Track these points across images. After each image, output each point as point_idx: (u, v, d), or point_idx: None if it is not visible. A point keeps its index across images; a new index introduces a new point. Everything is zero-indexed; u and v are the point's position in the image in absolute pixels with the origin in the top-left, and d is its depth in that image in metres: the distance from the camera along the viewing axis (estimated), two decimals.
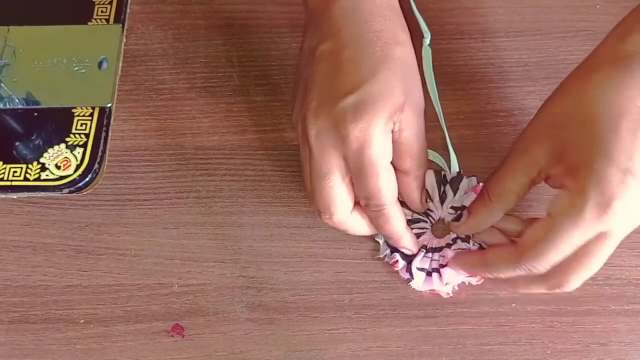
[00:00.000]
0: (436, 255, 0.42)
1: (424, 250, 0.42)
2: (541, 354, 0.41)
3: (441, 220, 0.43)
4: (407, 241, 0.40)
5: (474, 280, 0.41)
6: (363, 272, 0.43)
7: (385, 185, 0.37)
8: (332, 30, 0.38)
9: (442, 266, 0.41)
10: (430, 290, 0.41)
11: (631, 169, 0.33)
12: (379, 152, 0.36)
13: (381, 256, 0.42)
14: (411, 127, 0.38)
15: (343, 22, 0.38)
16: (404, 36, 0.39)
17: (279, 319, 0.42)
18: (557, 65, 0.47)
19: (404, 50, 0.38)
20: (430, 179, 0.43)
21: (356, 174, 0.37)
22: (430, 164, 0.43)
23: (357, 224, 0.39)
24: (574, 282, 0.36)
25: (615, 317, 0.42)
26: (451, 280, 0.41)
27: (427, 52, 0.47)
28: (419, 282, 0.41)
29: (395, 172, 0.39)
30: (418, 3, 0.49)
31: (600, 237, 0.34)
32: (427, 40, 0.47)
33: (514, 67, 0.47)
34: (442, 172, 0.44)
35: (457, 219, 0.42)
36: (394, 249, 0.42)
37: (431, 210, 0.43)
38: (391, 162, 0.38)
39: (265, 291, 0.43)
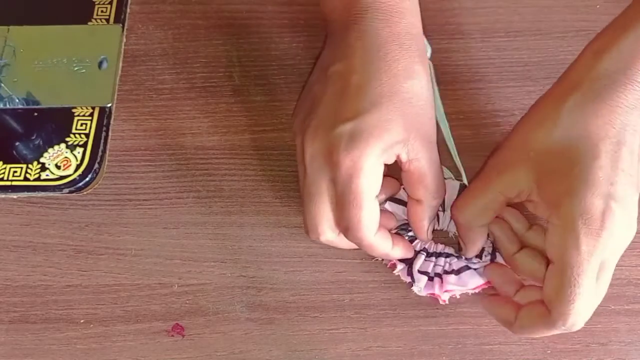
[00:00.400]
0: (441, 261, 0.41)
1: (424, 253, 0.41)
2: (541, 354, 0.41)
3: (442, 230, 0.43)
4: (396, 255, 0.40)
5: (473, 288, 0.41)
6: (363, 272, 0.43)
7: (367, 219, 0.36)
8: (346, 52, 0.38)
9: (446, 272, 0.41)
10: (429, 294, 0.41)
11: (613, 194, 0.33)
12: (366, 184, 0.36)
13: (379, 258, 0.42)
14: (421, 157, 0.37)
15: (359, 46, 0.38)
16: (419, 67, 0.38)
17: (279, 319, 0.42)
18: (557, 65, 0.47)
19: (414, 83, 0.37)
20: (453, 190, 0.42)
21: (340, 202, 0.36)
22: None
23: (346, 243, 0.39)
24: (585, 319, 0.35)
25: (616, 317, 0.42)
26: (453, 289, 0.40)
27: (429, 67, 0.43)
28: (420, 286, 0.41)
29: (408, 200, 0.39)
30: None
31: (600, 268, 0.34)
32: (427, 55, 0.43)
33: (514, 67, 0.47)
34: (462, 183, 0.43)
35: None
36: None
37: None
38: (404, 189, 0.38)
39: (265, 291, 0.43)
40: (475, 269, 0.40)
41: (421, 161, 0.37)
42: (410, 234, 0.41)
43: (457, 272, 0.40)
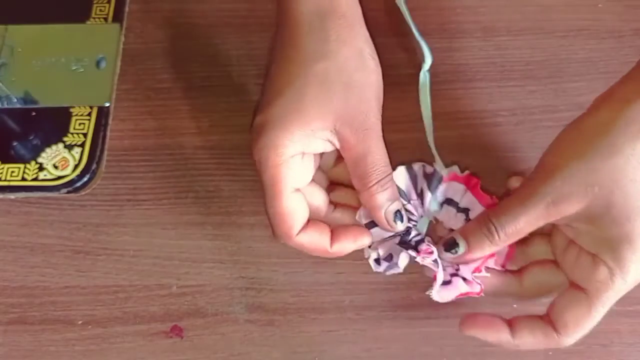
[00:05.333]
0: (446, 262, 0.38)
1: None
2: (543, 355, 0.41)
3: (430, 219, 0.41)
4: (338, 252, 0.38)
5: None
6: (363, 273, 0.42)
7: (282, 212, 0.35)
8: (271, 45, 0.37)
9: (458, 269, 0.38)
10: (458, 296, 0.38)
11: None
12: (278, 176, 0.35)
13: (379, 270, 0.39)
14: (349, 147, 0.35)
15: (277, 38, 0.37)
16: (335, 46, 0.35)
17: (279, 320, 0.42)
18: (558, 64, 0.47)
19: (329, 65, 0.35)
20: (402, 176, 0.40)
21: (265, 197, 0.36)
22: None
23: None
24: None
25: (618, 318, 0.41)
26: (445, 297, 0.37)
27: (425, 78, 0.43)
28: (444, 296, 0.37)
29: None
30: (418, 2, 0.48)
31: None
32: (426, 66, 0.42)
33: (516, 66, 0.47)
34: (417, 166, 0.40)
35: (448, 245, 0.37)
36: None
37: (412, 213, 0.39)
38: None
39: (264, 292, 0.42)
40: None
41: (351, 151, 0.35)
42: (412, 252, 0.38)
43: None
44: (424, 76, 0.41)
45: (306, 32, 0.36)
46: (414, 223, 0.39)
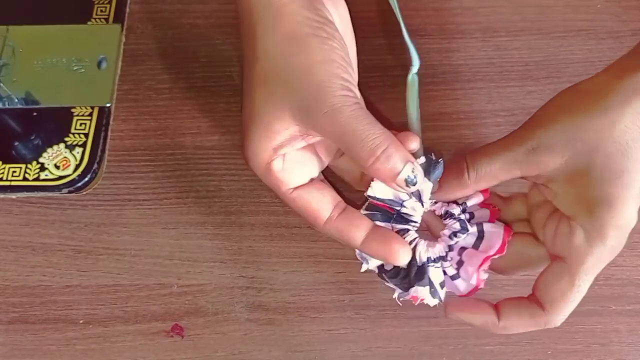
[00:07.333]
0: (446, 263, 0.38)
1: (431, 262, 0.37)
2: (542, 354, 0.41)
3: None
4: (380, 252, 0.35)
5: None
6: (363, 272, 0.42)
7: (298, 208, 0.35)
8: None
9: (459, 267, 0.38)
10: (469, 292, 0.38)
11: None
12: (273, 182, 0.35)
13: (394, 296, 0.38)
14: (324, 134, 0.33)
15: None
16: (262, 41, 0.33)
17: (279, 320, 0.42)
18: (557, 64, 0.47)
19: (265, 63, 0.33)
20: (383, 186, 0.36)
21: None
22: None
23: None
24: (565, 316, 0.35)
25: (616, 317, 0.41)
26: (424, 296, 0.37)
27: (413, 82, 0.40)
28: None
29: None
30: (419, 2, 0.49)
31: None
32: (414, 69, 0.40)
33: (515, 66, 0.47)
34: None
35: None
36: (407, 286, 0.37)
37: (410, 215, 0.37)
38: None
39: (265, 291, 0.42)
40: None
41: (330, 134, 0.33)
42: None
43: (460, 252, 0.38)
44: (412, 79, 0.39)
45: (244, 34, 0.35)
46: (414, 225, 0.37)
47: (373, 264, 0.37)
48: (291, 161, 0.35)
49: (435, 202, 0.38)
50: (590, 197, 0.33)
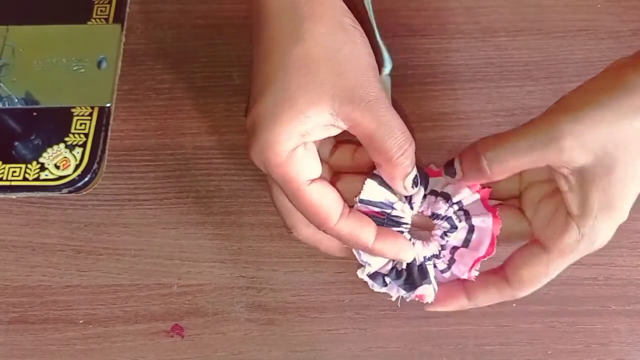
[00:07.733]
0: (438, 260, 0.37)
1: (427, 260, 0.37)
2: (542, 354, 0.41)
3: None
4: (382, 250, 0.35)
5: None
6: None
7: (311, 205, 0.33)
8: (251, 38, 0.35)
9: (450, 264, 0.37)
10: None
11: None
12: (286, 175, 0.32)
13: (393, 299, 0.37)
14: (357, 124, 0.32)
15: (253, 29, 0.34)
16: (310, 24, 0.32)
17: (279, 320, 0.42)
18: (557, 64, 0.47)
19: (309, 45, 0.32)
20: (374, 188, 0.36)
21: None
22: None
23: (328, 240, 0.36)
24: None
25: (616, 317, 0.41)
26: (430, 293, 0.37)
27: (386, 83, 0.39)
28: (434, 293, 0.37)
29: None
30: (419, 2, 0.49)
31: None
32: (386, 70, 0.38)
33: (515, 66, 0.47)
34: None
35: (447, 168, 0.36)
36: (410, 286, 0.36)
37: (400, 217, 0.36)
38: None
39: (265, 291, 0.43)
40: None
41: (363, 125, 0.32)
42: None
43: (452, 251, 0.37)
44: (385, 80, 0.38)
45: (276, 14, 0.33)
46: (406, 227, 0.36)
47: (375, 265, 0.37)
48: (308, 152, 0.34)
49: (420, 208, 0.38)
50: (599, 201, 0.32)
